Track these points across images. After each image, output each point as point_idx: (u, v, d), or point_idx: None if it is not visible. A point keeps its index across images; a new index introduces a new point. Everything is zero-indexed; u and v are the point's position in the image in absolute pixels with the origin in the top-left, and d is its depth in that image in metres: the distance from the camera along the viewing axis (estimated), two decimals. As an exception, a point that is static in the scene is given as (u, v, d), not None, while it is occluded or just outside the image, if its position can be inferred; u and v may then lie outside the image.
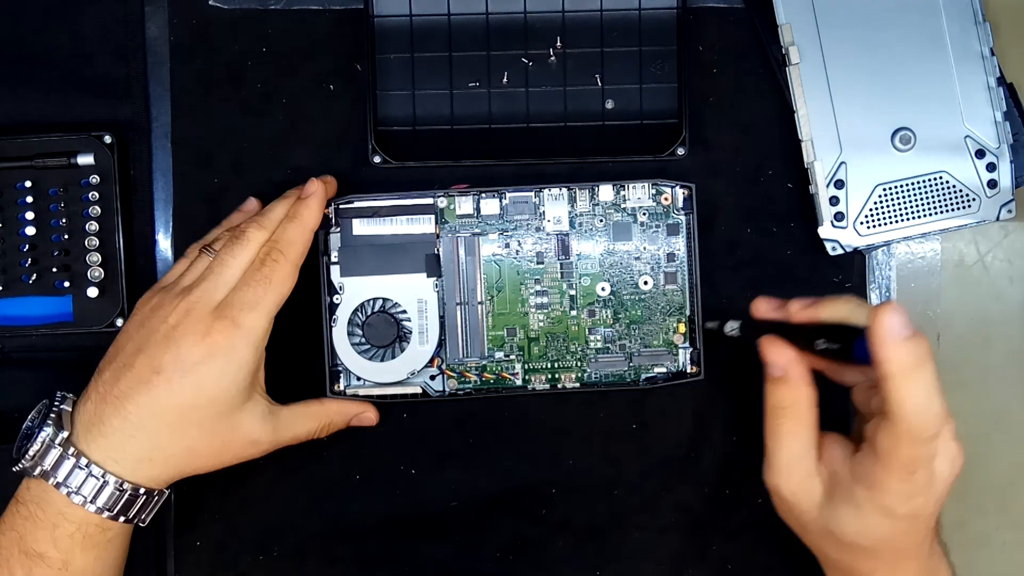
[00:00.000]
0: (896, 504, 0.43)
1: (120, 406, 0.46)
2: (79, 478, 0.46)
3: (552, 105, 0.55)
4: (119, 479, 0.46)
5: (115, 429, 0.46)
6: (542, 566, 0.56)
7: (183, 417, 0.46)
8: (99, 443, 0.46)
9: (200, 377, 0.46)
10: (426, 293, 0.53)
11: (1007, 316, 0.57)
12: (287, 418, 0.50)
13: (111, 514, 0.46)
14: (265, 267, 0.48)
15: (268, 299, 0.47)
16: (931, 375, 0.41)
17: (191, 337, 0.46)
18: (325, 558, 0.55)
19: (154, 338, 0.47)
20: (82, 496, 0.46)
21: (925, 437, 0.41)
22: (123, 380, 0.46)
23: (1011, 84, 0.54)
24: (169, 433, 0.46)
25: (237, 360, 0.47)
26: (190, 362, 0.46)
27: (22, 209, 0.54)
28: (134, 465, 0.46)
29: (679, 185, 0.54)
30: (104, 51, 0.55)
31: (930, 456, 0.43)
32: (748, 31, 0.56)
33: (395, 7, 0.55)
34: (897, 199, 0.54)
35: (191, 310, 0.47)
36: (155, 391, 0.46)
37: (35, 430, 0.47)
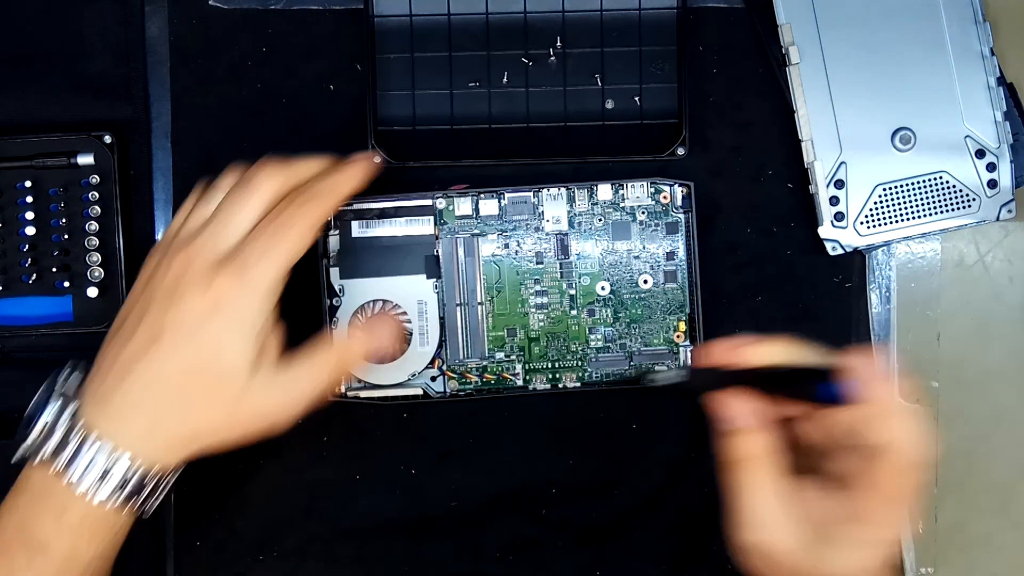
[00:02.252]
0: (888, 533, 0.41)
1: (125, 375, 0.43)
2: (85, 458, 0.42)
3: (552, 105, 0.55)
4: (127, 456, 0.42)
5: (122, 400, 0.43)
6: (542, 566, 0.56)
7: (186, 383, 0.43)
8: (106, 417, 0.43)
9: (203, 336, 0.42)
10: (426, 294, 0.53)
11: (1007, 316, 0.57)
12: (293, 372, 0.45)
13: (117, 500, 0.43)
14: (281, 217, 0.43)
15: (280, 250, 0.43)
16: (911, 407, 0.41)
17: (192, 292, 0.42)
18: (325, 558, 0.55)
19: (155, 298, 0.43)
20: (89, 479, 0.42)
21: (920, 465, 0.41)
22: (127, 346, 0.43)
23: (1011, 84, 0.54)
24: (172, 403, 0.43)
25: (242, 315, 0.42)
26: (192, 319, 0.42)
27: (22, 209, 0.54)
28: (143, 438, 0.43)
29: (678, 183, 0.54)
30: (104, 51, 0.55)
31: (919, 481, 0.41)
32: (748, 31, 0.56)
33: (395, 7, 0.55)
34: (897, 199, 0.54)
35: (192, 262, 0.43)
36: (156, 356, 0.42)
37: (38, 409, 0.44)
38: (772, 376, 0.42)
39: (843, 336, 0.56)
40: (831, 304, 0.56)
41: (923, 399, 0.56)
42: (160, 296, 0.43)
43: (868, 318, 0.56)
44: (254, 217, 0.44)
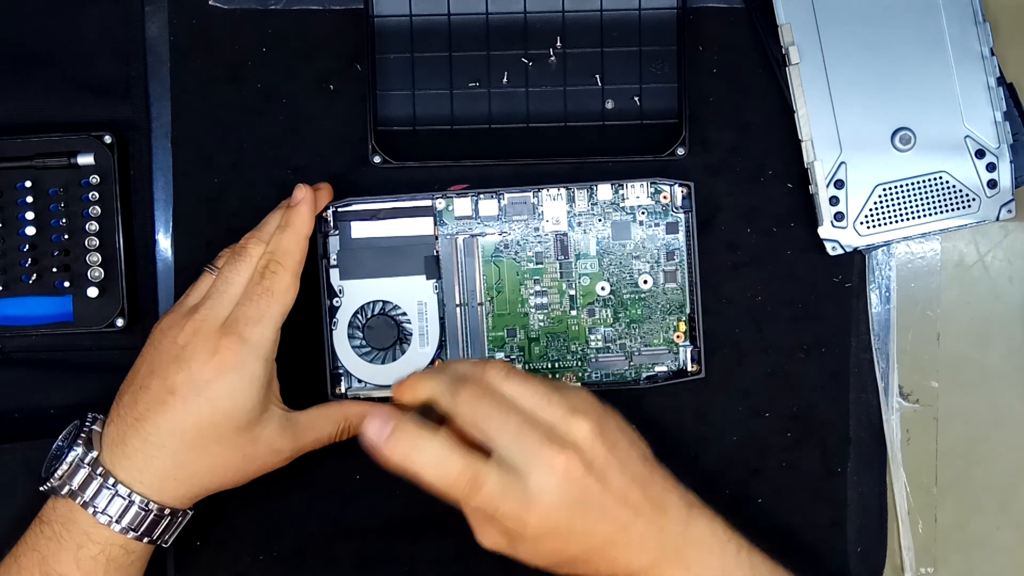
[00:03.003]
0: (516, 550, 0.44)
1: (140, 427, 0.46)
2: (105, 498, 0.46)
3: (552, 105, 0.55)
4: (144, 499, 0.46)
5: (137, 450, 0.46)
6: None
7: (202, 435, 0.47)
8: (124, 463, 0.46)
9: (213, 395, 0.46)
10: (426, 295, 0.53)
11: (1007, 316, 0.57)
12: (306, 423, 0.50)
13: (135, 535, 0.47)
14: (265, 280, 0.48)
15: (272, 311, 0.48)
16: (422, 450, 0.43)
17: (200, 356, 0.47)
18: (325, 558, 0.55)
19: (166, 359, 0.47)
20: (108, 516, 0.46)
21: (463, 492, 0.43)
22: (140, 402, 0.47)
23: (1011, 84, 0.54)
24: (190, 451, 0.47)
25: (248, 375, 0.47)
26: (202, 381, 0.46)
27: (22, 209, 0.54)
28: (159, 484, 0.47)
29: (677, 183, 0.54)
30: (104, 51, 0.55)
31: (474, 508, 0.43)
32: (748, 31, 0.56)
33: (395, 7, 0.55)
34: (897, 199, 0.54)
35: (198, 330, 0.47)
36: (171, 411, 0.46)
37: (64, 450, 0.47)
38: None
39: (843, 336, 0.56)
40: (831, 304, 0.56)
41: (923, 399, 0.56)
42: (171, 359, 0.47)
43: (868, 318, 0.56)
44: (246, 281, 0.49)
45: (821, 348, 0.56)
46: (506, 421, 0.43)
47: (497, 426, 0.43)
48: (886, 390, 0.56)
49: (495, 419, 0.43)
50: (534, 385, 0.45)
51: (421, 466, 0.43)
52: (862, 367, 0.56)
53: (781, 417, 0.56)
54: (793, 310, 0.56)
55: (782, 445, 0.56)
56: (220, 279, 0.49)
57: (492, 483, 0.42)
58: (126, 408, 0.47)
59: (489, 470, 0.42)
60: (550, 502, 0.42)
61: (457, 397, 0.44)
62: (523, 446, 0.42)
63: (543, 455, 0.42)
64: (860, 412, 0.56)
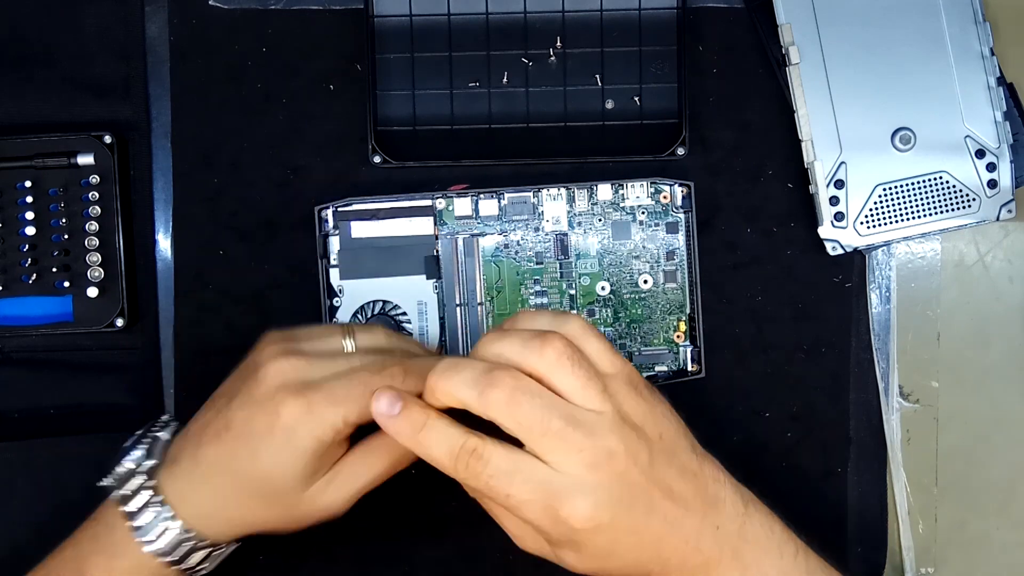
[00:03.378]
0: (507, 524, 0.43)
1: (196, 450, 0.45)
2: (148, 515, 0.44)
3: (552, 105, 0.55)
4: (184, 525, 0.44)
5: (186, 471, 0.45)
6: (542, 566, 0.56)
7: (244, 483, 0.44)
8: (173, 483, 0.45)
9: (258, 447, 0.43)
10: (426, 295, 0.53)
11: (1007, 316, 0.57)
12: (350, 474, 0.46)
13: (168, 559, 0.44)
14: (376, 377, 0.44)
15: (355, 404, 0.43)
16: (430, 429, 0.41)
17: (267, 404, 0.43)
18: (325, 558, 0.55)
19: (242, 390, 0.45)
20: (146, 535, 0.44)
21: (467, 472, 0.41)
22: (207, 425, 0.45)
23: (1011, 84, 0.54)
24: (231, 493, 0.44)
25: (296, 446, 0.43)
26: (255, 428, 0.44)
27: (22, 209, 0.54)
28: (198, 515, 0.44)
29: (677, 183, 0.54)
30: (104, 51, 0.55)
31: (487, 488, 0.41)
32: (748, 31, 0.56)
33: (395, 7, 0.55)
34: (897, 199, 0.54)
35: (282, 373, 0.44)
36: (222, 447, 0.44)
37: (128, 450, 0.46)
38: None
39: (843, 336, 0.56)
40: (831, 304, 0.56)
41: (923, 399, 0.56)
42: (245, 392, 0.44)
43: (868, 318, 0.56)
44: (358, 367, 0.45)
45: (821, 348, 0.56)
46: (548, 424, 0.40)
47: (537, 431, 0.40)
48: (886, 390, 0.56)
49: (535, 423, 0.40)
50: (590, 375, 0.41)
51: (428, 444, 0.41)
52: (862, 367, 0.56)
53: (781, 417, 0.56)
54: (793, 310, 0.56)
55: (782, 445, 0.56)
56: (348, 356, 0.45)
57: (499, 458, 0.40)
58: (196, 423, 0.46)
59: (495, 446, 0.40)
60: (586, 496, 0.40)
61: (487, 400, 0.40)
62: (563, 446, 0.40)
63: (583, 453, 0.40)
64: (860, 412, 0.56)
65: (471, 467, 0.40)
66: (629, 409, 0.42)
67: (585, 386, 0.41)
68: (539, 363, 0.41)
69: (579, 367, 0.41)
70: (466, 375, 0.40)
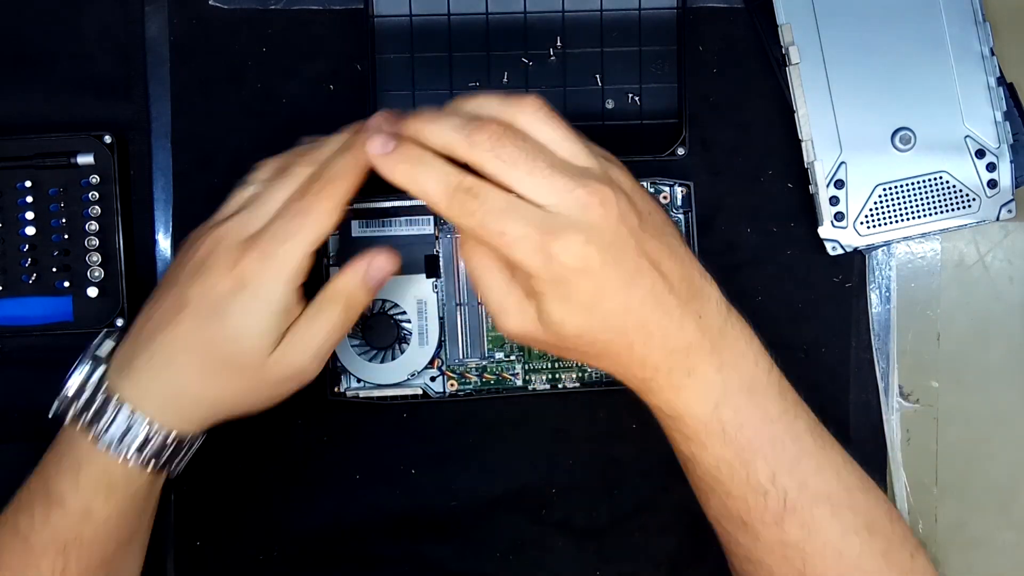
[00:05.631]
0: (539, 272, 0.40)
1: (149, 342, 0.44)
2: (107, 417, 0.43)
3: (552, 105, 0.55)
4: (146, 419, 0.43)
5: (144, 366, 0.44)
6: (542, 566, 0.56)
7: (209, 354, 0.43)
8: (128, 381, 0.44)
9: (225, 311, 0.43)
10: (425, 294, 0.53)
11: (1007, 316, 0.57)
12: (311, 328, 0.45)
13: (137, 459, 0.44)
14: (305, 199, 0.44)
15: (304, 232, 0.43)
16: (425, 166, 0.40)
17: (219, 270, 0.43)
18: (325, 558, 0.55)
19: (184, 272, 0.44)
20: (109, 437, 0.43)
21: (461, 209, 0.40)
22: (154, 316, 0.44)
23: (1011, 84, 0.54)
24: (195, 371, 0.44)
25: (265, 295, 0.43)
26: (216, 296, 0.43)
27: (22, 209, 0.54)
28: (162, 405, 0.44)
29: (678, 183, 0.54)
30: (104, 51, 0.55)
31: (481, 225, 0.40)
32: (748, 31, 0.56)
33: (395, 7, 0.55)
34: (897, 199, 0.54)
35: (221, 241, 0.44)
36: (180, 327, 0.43)
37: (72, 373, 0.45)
38: None
39: (843, 336, 0.56)
40: (831, 304, 0.56)
41: (923, 399, 0.56)
42: (189, 271, 0.44)
43: (868, 318, 0.56)
44: (282, 200, 0.45)
45: (821, 348, 0.56)
46: (535, 163, 0.40)
47: (524, 169, 0.39)
48: (886, 390, 0.56)
49: (521, 162, 0.40)
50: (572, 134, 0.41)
51: (422, 181, 0.40)
52: (862, 367, 0.56)
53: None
54: (793, 310, 0.56)
55: (782, 445, 0.56)
56: (258, 194, 0.45)
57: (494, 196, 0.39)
58: (139, 323, 0.45)
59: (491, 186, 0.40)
60: (579, 234, 0.39)
61: (473, 141, 0.40)
62: (554, 186, 0.39)
63: (576, 194, 0.39)
64: (860, 412, 0.56)
65: (466, 205, 0.40)
66: (619, 178, 0.42)
67: (567, 138, 0.41)
68: (519, 115, 0.41)
69: (560, 122, 0.41)
70: (453, 120, 0.40)
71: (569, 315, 0.41)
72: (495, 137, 0.40)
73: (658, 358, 0.42)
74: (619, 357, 0.43)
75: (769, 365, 0.44)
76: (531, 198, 0.40)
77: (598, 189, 0.40)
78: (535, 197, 0.40)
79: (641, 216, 0.41)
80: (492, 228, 0.40)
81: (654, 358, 0.42)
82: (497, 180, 0.40)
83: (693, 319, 0.42)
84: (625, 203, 0.40)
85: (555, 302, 0.41)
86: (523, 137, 0.40)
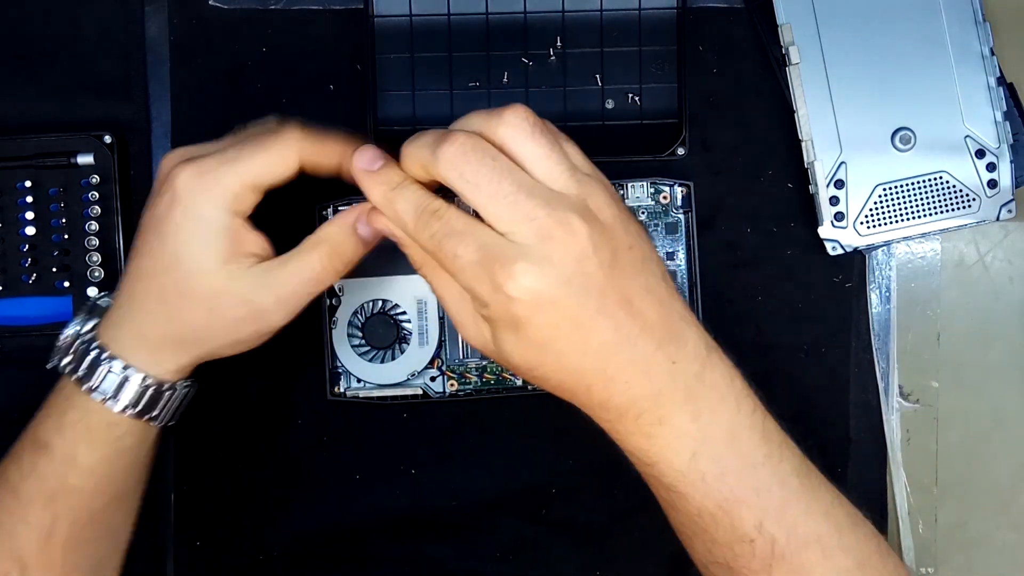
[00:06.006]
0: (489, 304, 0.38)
1: (121, 285, 0.44)
2: (88, 362, 0.44)
3: (552, 105, 0.55)
4: (120, 361, 0.43)
5: (116, 307, 0.44)
6: (542, 566, 0.56)
7: (159, 281, 0.43)
8: (108, 326, 0.44)
9: (164, 229, 0.42)
10: (425, 294, 0.53)
11: (1007, 316, 0.57)
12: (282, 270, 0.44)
13: (115, 403, 0.44)
14: (265, 136, 0.43)
15: (252, 161, 0.42)
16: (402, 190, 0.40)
17: (160, 187, 0.43)
18: (325, 558, 0.55)
19: (148, 204, 0.44)
20: (89, 383, 0.43)
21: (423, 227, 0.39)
22: (129, 258, 0.45)
23: (1011, 84, 0.54)
24: (153, 301, 0.43)
25: (196, 212, 0.42)
26: (156, 215, 0.43)
27: (22, 209, 0.54)
28: (132, 343, 0.44)
29: (678, 183, 0.54)
30: (104, 51, 0.55)
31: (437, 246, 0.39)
32: (748, 31, 0.56)
33: (395, 7, 0.55)
34: (897, 199, 0.54)
35: (169, 159, 0.44)
36: (136, 256, 0.44)
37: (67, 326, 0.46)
38: None
39: (843, 336, 0.56)
40: (831, 304, 0.56)
41: (923, 399, 0.56)
42: (150, 201, 0.44)
43: (868, 318, 0.56)
44: None
45: (821, 348, 0.56)
46: (499, 185, 0.37)
47: (487, 192, 0.37)
48: (886, 390, 0.56)
49: (484, 183, 0.38)
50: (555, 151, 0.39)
51: (397, 202, 0.40)
52: (862, 367, 0.56)
53: (781, 417, 0.55)
54: (793, 310, 0.56)
55: (782, 445, 0.56)
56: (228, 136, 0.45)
57: (452, 218, 0.38)
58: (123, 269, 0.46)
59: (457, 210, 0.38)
60: (536, 268, 0.37)
61: (438, 156, 0.38)
62: (516, 213, 0.37)
63: (539, 223, 0.37)
64: (860, 412, 0.56)
65: (429, 225, 0.39)
66: (599, 205, 0.39)
67: (548, 156, 0.38)
68: (499, 127, 0.39)
69: (543, 135, 0.39)
70: (426, 138, 0.39)
71: (518, 349, 0.39)
72: (460, 153, 0.38)
73: (621, 403, 0.40)
74: (576, 397, 0.41)
75: (753, 407, 0.41)
76: (491, 223, 0.38)
77: (565, 218, 0.37)
78: (494, 222, 0.38)
79: (616, 250, 0.38)
80: (446, 250, 0.38)
81: (616, 402, 0.40)
82: (465, 200, 0.38)
83: (664, 365, 0.39)
84: (599, 235, 0.38)
85: (505, 332, 0.39)
86: (492, 155, 0.38)
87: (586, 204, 0.38)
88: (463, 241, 0.38)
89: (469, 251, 0.38)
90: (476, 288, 0.38)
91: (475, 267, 0.38)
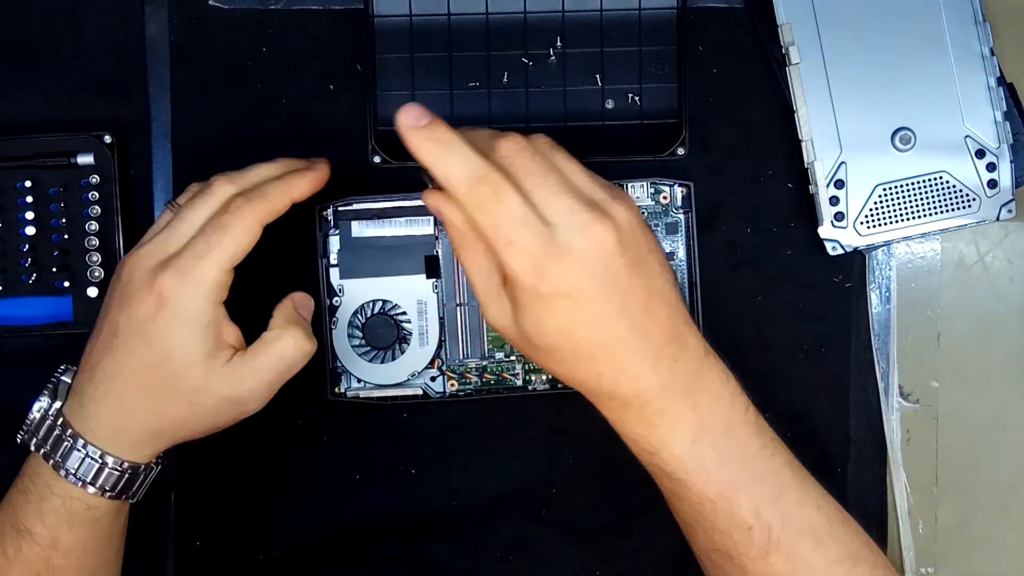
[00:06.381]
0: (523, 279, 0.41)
1: (92, 374, 0.45)
2: (64, 449, 0.45)
3: (552, 105, 0.55)
4: (98, 450, 0.45)
5: (90, 398, 0.45)
6: (542, 566, 0.56)
7: (143, 379, 0.44)
8: (79, 413, 0.45)
9: (150, 333, 0.44)
10: (426, 294, 0.53)
11: (1007, 316, 0.57)
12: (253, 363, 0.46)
13: (94, 489, 0.45)
14: (225, 216, 0.45)
15: (222, 248, 0.44)
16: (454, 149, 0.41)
17: (140, 292, 0.44)
18: (325, 558, 0.55)
19: (113, 300, 0.46)
20: (65, 469, 0.45)
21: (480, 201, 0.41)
22: (94, 348, 0.46)
23: (1011, 84, 0.54)
24: (135, 397, 0.45)
25: (185, 312, 0.44)
26: (139, 318, 0.44)
27: (22, 209, 0.54)
28: (111, 434, 0.45)
29: (678, 183, 0.54)
30: (104, 51, 0.55)
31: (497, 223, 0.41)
32: (748, 31, 0.56)
33: (395, 7, 0.55)
34: (897, 199, 0.54)
35: (139, 264, 0.45)
36: (115, 354, 0.45)
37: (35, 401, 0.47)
38: None
39: (843, 336, 0.56)
40: (831, 304, 0.56)
41: (923, 399, 0.56)
42: (116, 299, 0.46)
43: (868, 318, 0.56)
44: (202, 220, 0.46)
45: (821, 348, 0.56)
46: (546, 178, 0.41)
47: (536, 181, 0.41)
48: (886, 390, 0.56)
49: (534, 174, 0.41)
50: (583, 168, 0.43)
51: (448, 162, 0.41)
52: (862, 367, 0.56)
53: (781, 417, 0.55)
54: (793, 310, 0.56)
55: (782, 445, 0.56)
56: (178, 215, 0.46)
57: (514, 204, 0.40)
58: (85, 355, 0.46)
59: (515, 192, 0.40)
60: (575, 259, 0.40)
61: (495, 146, 0.42)
62: (561, 204, 0.41)
63: (580, 217, 0.40)
64: (860, 412, 0.56)
65: (486, 200, 0.40)
66: (624, 213, 0.42)
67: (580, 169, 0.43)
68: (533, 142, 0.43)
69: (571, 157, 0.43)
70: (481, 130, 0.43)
71: (541, 334, 0.42)
72: (517, 148, 0.42)
73: (628, 393, 0.43)
74: (586, 384, 0.44)
75: (746, 405, 0.44)
76: (540, 210, 0.40)
77: (601, 218, 0.41)
78: (544, 210, 0.41)
79: (639, 254, 0.42)
80: (503, 234, 0.40)
81: (624, 392, 0.43)
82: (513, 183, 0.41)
83: (668, 362, 0.43)
84: (625, 239, 0.41)
85: (530, 315, 0.42)
86: (543, 154, 0.42)
87: (612, 212, 0.42)
88: (522, 229, 0.40)
89: (527, 240, 0.40)
90: (522, 274, 0.40)
91: (527, 256, 0.40)
